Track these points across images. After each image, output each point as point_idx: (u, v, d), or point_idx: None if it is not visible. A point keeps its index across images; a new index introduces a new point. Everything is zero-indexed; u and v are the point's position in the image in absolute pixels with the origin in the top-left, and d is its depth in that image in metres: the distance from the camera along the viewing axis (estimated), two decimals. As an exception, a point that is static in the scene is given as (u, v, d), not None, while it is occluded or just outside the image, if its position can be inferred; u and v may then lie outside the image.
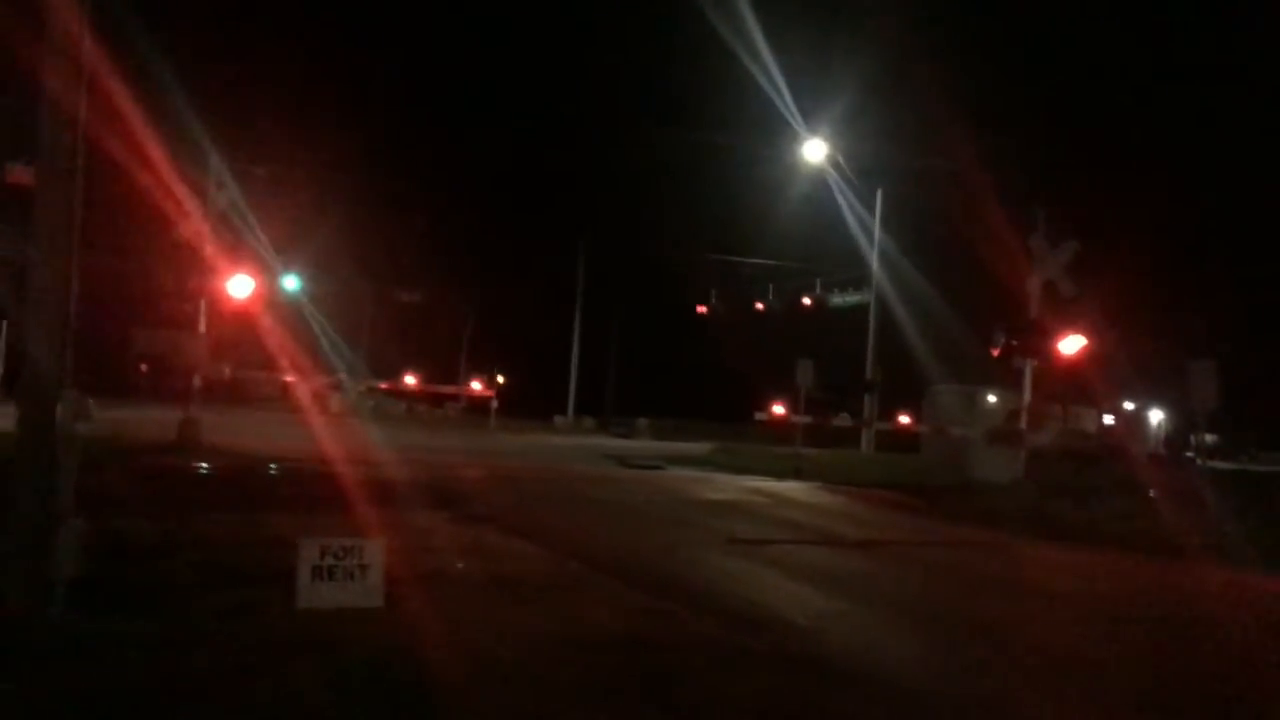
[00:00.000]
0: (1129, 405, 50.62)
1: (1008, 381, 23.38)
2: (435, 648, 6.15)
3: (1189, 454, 24.32)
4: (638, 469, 23.35)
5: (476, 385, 42.15)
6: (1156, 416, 51.59)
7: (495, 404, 41.23)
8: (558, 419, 48.22)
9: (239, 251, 22.81)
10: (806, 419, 27.21)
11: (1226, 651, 7.75)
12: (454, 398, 47.14)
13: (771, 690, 5.96)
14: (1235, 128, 39.95)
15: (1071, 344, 21.19)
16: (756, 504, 17.00)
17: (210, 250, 20.47)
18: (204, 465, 15.93)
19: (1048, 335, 21.48)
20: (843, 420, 33.86)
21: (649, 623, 7.35)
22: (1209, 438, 37.47)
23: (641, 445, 34.79)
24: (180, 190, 20.01)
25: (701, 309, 53.96)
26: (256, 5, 38.57)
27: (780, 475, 22.33)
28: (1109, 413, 47.86)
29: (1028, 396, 22.19)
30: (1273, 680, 6.85)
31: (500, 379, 44.92)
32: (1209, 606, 9.74)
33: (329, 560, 6.65)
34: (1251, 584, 11.03)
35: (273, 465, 16.11)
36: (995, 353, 23.37)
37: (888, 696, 5.94)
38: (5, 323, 25.64)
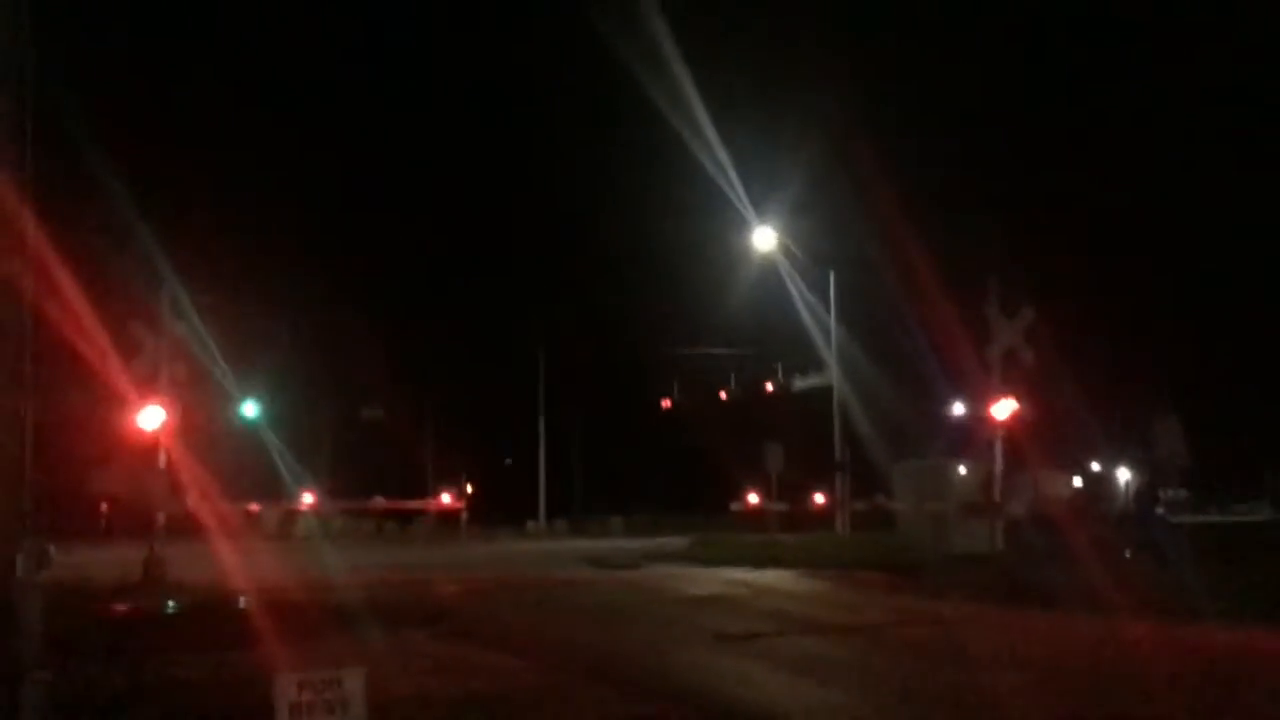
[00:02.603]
0: (1095, 466, 50.99)
1: (973, 452, 23.46)
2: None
3: (1159, 510, 24.42)
4: (615, 569, 23.06)
5: (446, 498, 41.73)
6: (1124, 475, 51.88)
7: (465, 515, 40.84)
8: (530, 524, 47.72)
9: (196, 380, 22.58)
10: (781, 505, 27.15)
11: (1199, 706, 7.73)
12: (423, 512, 46.60)
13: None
14: (1181, 183, 40.82)
15: (1030, 410, 21.39)
16: (739, 596, 16.80)
17: (165, 382, 20.26)
18: (170, 603, 15.52)
19: (1010, 403, 21.64)
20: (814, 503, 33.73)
21: (639, 731, 7.18)
22: (1181, 492, 37.65)
23: (617, 544, 34.39)
24: (130, 322, 19.87)
25: (666, 402, 54.03)
26: (197, 134, 39.03)
27: (759, 564, 22.14)
28: (1077, 475, 48.16)
29: (999, 465, 22.24)
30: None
31: (469, 488, 44.55)
32: (1194, 665, 9.69)
33: (307, 695, 6.42)
34: (1216, 639, 11.20)
35: (242, 598, 15.72)
36: (958, 424, 23.55)
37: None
38: None
